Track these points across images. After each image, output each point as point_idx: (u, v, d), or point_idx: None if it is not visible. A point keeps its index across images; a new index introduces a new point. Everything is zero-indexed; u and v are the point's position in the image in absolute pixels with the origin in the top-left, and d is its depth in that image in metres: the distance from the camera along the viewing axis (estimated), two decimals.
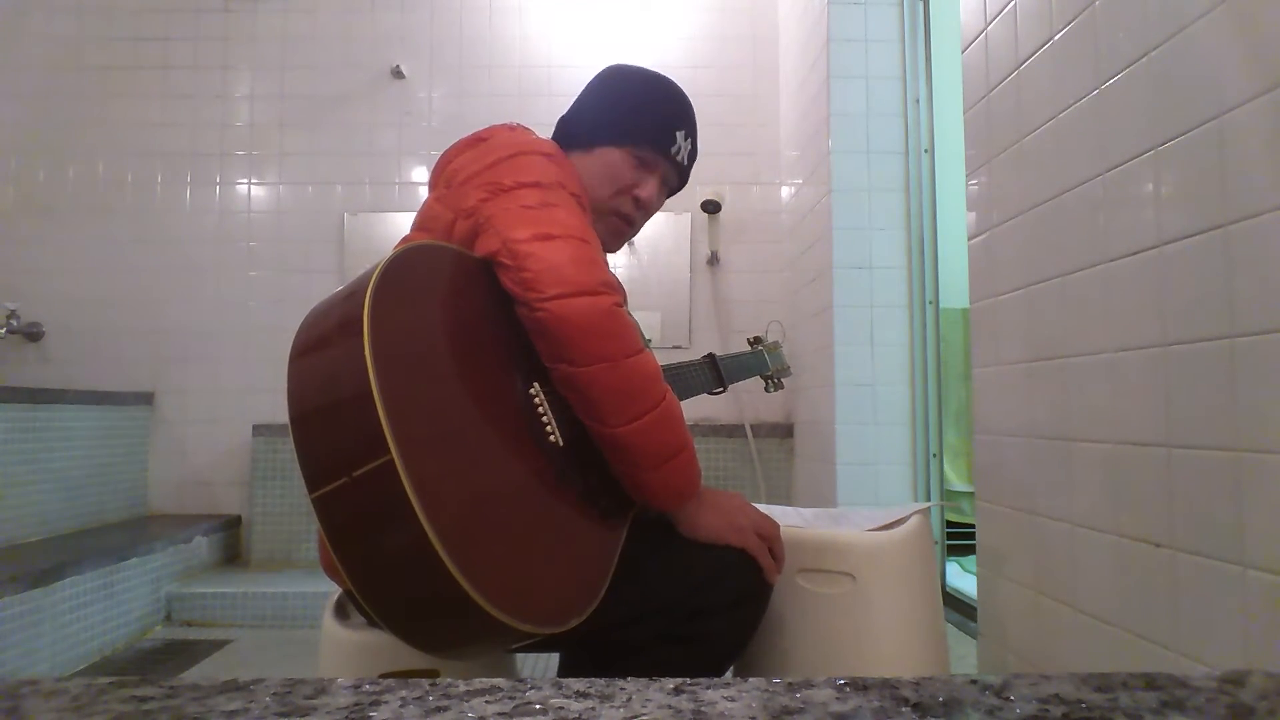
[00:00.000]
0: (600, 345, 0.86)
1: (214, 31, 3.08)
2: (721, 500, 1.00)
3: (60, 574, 1.97)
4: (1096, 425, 1.12)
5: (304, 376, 0.79)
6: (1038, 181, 1.27)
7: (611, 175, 1.12)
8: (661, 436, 0.91)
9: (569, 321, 0.85)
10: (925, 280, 2.23)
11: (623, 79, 1.18)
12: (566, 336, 0.85)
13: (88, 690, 0.38)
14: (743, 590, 0.99)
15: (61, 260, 2.99)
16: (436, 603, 0.73)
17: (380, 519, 0.73)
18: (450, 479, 0.77)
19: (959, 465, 2.38)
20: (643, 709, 0.36)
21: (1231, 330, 0.87)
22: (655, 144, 1.14)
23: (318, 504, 0.74)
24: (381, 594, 0.76)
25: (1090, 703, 0.37)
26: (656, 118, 1.15)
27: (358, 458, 0.71)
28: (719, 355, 1.43)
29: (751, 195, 3.08)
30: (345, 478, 0.72)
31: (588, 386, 0.87)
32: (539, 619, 0.76)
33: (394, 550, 0.73)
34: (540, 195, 0.93)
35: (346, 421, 0.74)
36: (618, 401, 0.87)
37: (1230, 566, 0.87)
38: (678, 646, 0.94)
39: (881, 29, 2.31)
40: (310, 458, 0.75)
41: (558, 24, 3.10)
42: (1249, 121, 0.85)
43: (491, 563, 0.76)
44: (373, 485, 0.71)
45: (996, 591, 1.41)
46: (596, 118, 1.14)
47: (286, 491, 2.85)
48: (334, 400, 0.76)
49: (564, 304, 0.85)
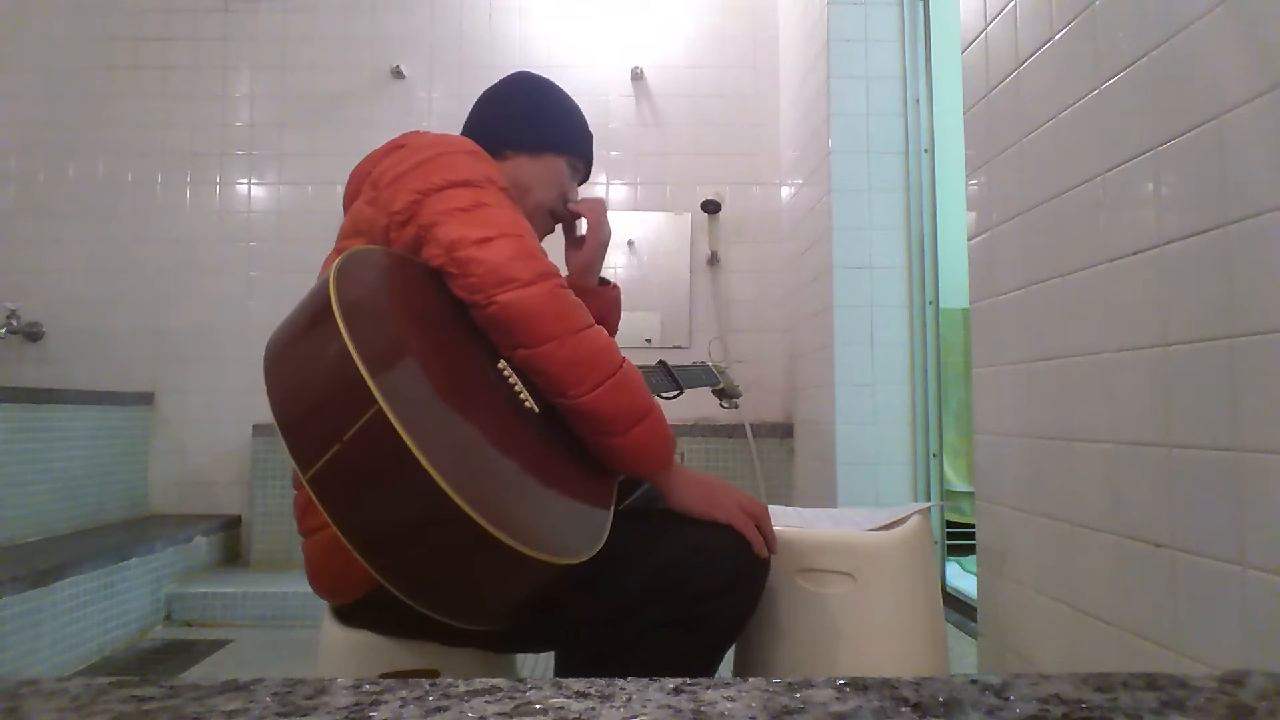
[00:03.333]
0: (550, 325, 0.91)
1: (214, 31, 3.08)
2: (707, 479, 1.04)
3: (60, 574, 1.97)
4: (1096, 425, 1.12)
5: (280, 372, 0.81)
6: (1038, 181, 1.27)
7: (555, 181, 1.23)
8: (624, 401, 0.95)
9: (517, 311, 0.90)
10: (925, 280, 2.23)
11: (551, 89, 1.28)
12: (517, 325, 0.91)
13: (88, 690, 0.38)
14: (738, 572, 1.00)
15: (61, 260, 2.99)
16: (448, 542, 0.73)
17: (380, 474, 0.73)
18: (441, 422, 0.79)
19: (959, 465, 2.38)
20: (643, 709, 0.36)
21: (1231, 330, 0.87)
22: (585, 153, 1.28)
23: (314, 482, 0.74)
24: (398, 559, 0.76)
25: (1090, 703, 0.37)
26: (584, 130, 1.28)
27: (345, 420, 0.72)
28: (670, 363, 1.53)
29: (751, 195, 3.08)
30: (337, 444, 0.72)
31: (546, 363, 0.91)
32: (552, 548, 0.77)
33: (401, 502, 0.73)
34: (471, 195, 0.96)
35: (328, 389, 0.76)
36: (576, 373, 0.92)
37: (1230, 566, 0.87)
38: (678, 631, 0.95)
39: (881, 29, 2.31)
40: (299, 440, 0.75)
41: (558, 24, 3.10)
42: (1249, 121, 0.85)
43: (496, 494, 0.78)
44: (367, 441, 0.71)
45: (996, 591, 1.41)
46: (540, 123, 1.23)
47: (287, 491, 2.84)
48: (312, 374, 0.78)
49: (510, 298, 0.90)
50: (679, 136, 3.10)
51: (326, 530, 0.93)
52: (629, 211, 3.07)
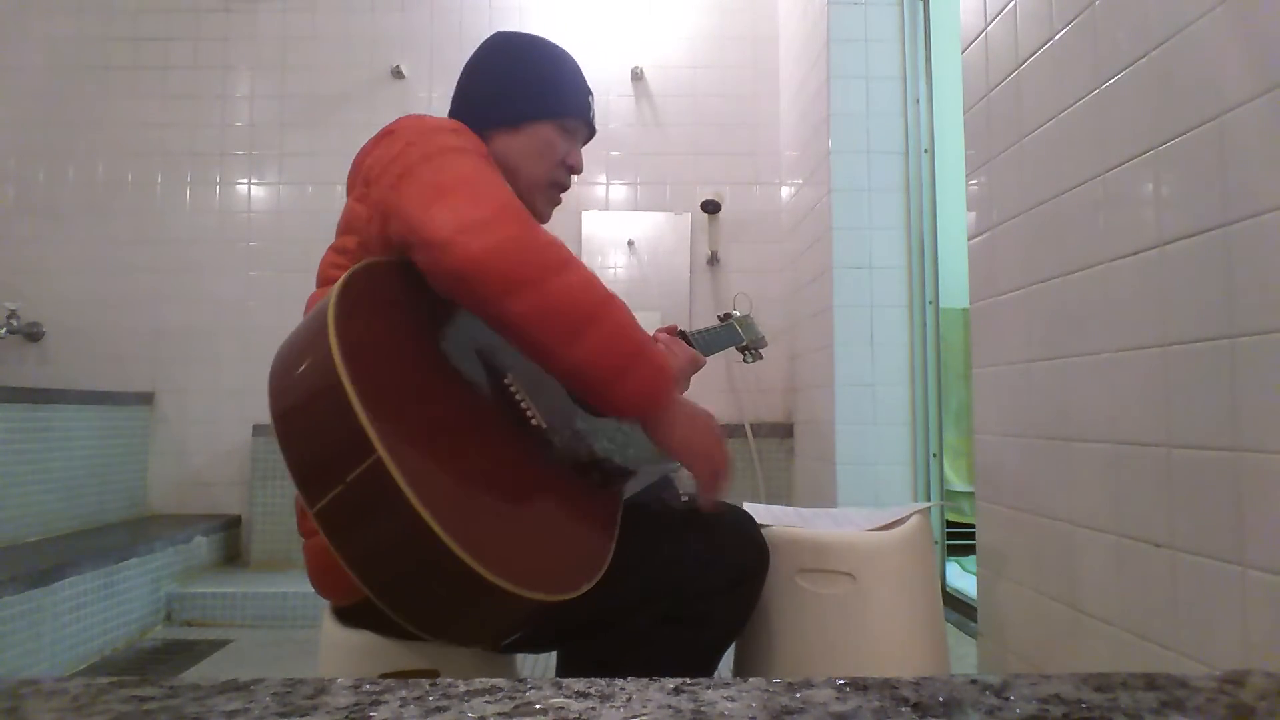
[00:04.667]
0: (518, 273, 0.81)
1: (214, 31, 3.08)
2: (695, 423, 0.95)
3: (60, 574, 1.97)
4: (1096, 425, 1.12)
5: (284, 402, 0.80)
6: (1038, 181, 1.27)
7: (546, 150, 1.12)
8: (615, 348, 0.85)
9: (475, 262, 0.81)
10: (925, 280, 2.23)
11: (527, 50, 1.16)
12: (478, 278, 0.81)
13: (88, 690, 0.38)
14: (740, 570, 1.01)
15: (61, 260, 2.99)
16: (447, 584, 0.74)
17: (378, 515, 0.74)
18: (439, 465, 0.79)
19: (959, 465, 2.38)
20: (643, 709, 0.36)
21: (1231, 330, 0.87)
22: (579, 112, 1.15)
23: (320, 517, 0.75)
24: (397, 590, 0.77)
25: (1090, 703, 0.37)
26: (574, 85, 1.15)
27: (348, 464, 0.73)
28: (688, 330, 1.39)
29: (751, 195, 3.08)
30: (340, 485, 0.73)
31: (521, 323, 0.82)
32: (549, 586, 0.77)
33: (396, 540, 0.74)
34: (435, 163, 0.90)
35: (331, 433, 0.76)
36: (557, 326, 0.82)
37: (1230, 566, 0.87)
38: (680, 629, 0.96)
39: (881, 29, 2.31)
40: (305, 476, 0.76)
41: (558, 24, 3.10)
42: (1249, 121, 0.85)
43: (492, 536, 0.77)
44: (366, 485, 0.73)
45: (996, 591, 1.41)
46: (516, 93, 1.12)
47: (286, 491, 2.84)
48: (316, 417, 0.78)
49: (464, 247, 0.81)
50: (679, 136, 3.10)
51: None
52: (629, 211, 3.07)
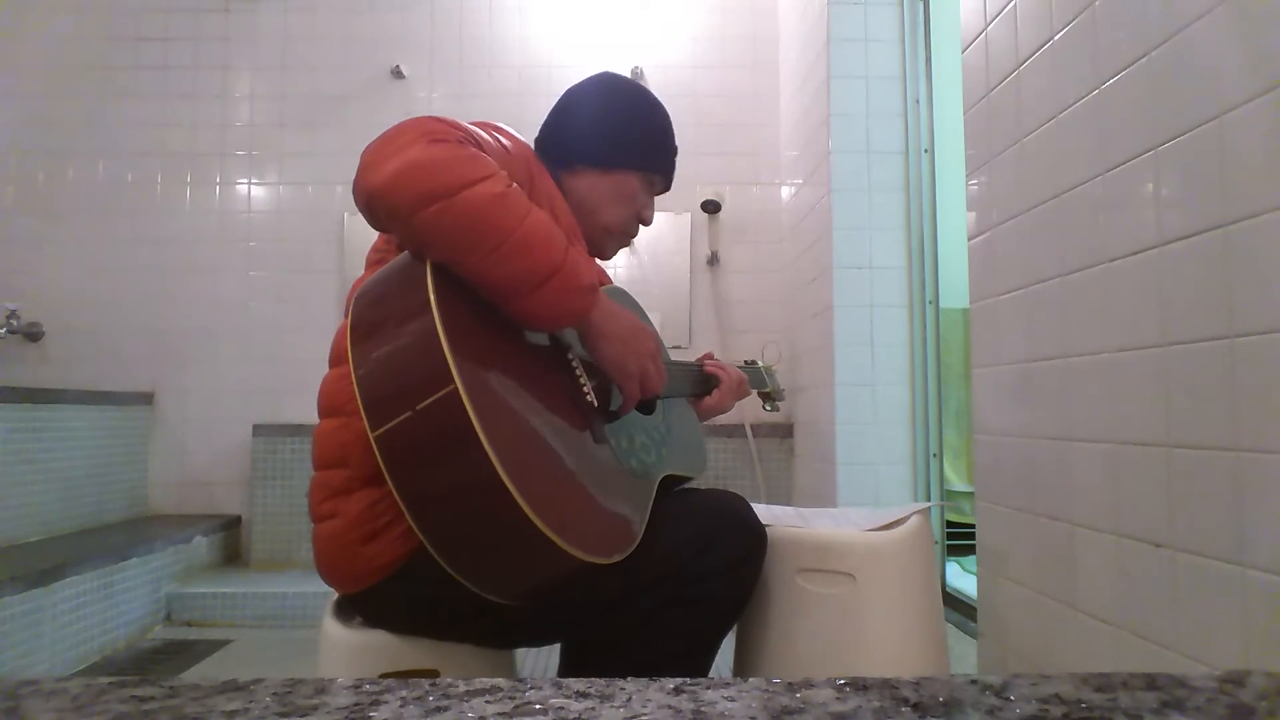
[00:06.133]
0: (425, 185, 0.78)
1: (214, 31, 3.08)
2: (625, 334, 0.95)
3: (60, 574, 1.97)
4: (1096, 425, 1.12)
5: (369, 317, 0.84)
6: (1038, 181, 1.27)
7: (628, 199, 1.16)
8: (523, 264, 0.82)
9: (386, 189, 0.79)
10: (925, 280, 2.23)
11: (635, 98, 1.19)
12: (387, 204, 0.79)
13: (88, 690, 0.38)
14: (740, 551, 1.03)
15: (61, 260, 2.99)
16: (492, 521, 0.77)
17: (444, 449, 0.77)
18: (506, 414, 0.82)
19: (959, 465, 2.38)
20: (643, 709, 0.36)
21: (1231, 330, 0.87)
22: (665, 170, 1.20)
23: (380, 441, 0.78)
24: (444, 529, 0.80)
25: (1090, 703, 0.37)
26: (669, 146, 1.20)
27: (422, 391, 0.76)
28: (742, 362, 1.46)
29: (751, 195, 3.08)
30: (409, 411, 0.77)
31: (428, 237, 0.80)
32: (586, 546, 0.81)
33: (458, 479, 0.78)
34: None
35: (413, 360, 0.79)
36: (464, 240, 0.80)
37: (1230, 566, 0.87)
38: (682, 610, 0.97)
39: (881, 29, 2.31)
40: (374, 398, 0.79)
41: (558, 24, 3.10)
42: (1249, 121, 0.85)
43: (544, 486, 0.81)
44: (436, 415, 0.76)
45: (996, 591, 1.41)
46: (618, 139, 1.15)
47: (286, 491, 2.84)
48: (399, 341, 0.81)
49: (375, 169, 0.79)
50: (679, 136, 3.09)
51: (338, 519, 0.94)
52: None
